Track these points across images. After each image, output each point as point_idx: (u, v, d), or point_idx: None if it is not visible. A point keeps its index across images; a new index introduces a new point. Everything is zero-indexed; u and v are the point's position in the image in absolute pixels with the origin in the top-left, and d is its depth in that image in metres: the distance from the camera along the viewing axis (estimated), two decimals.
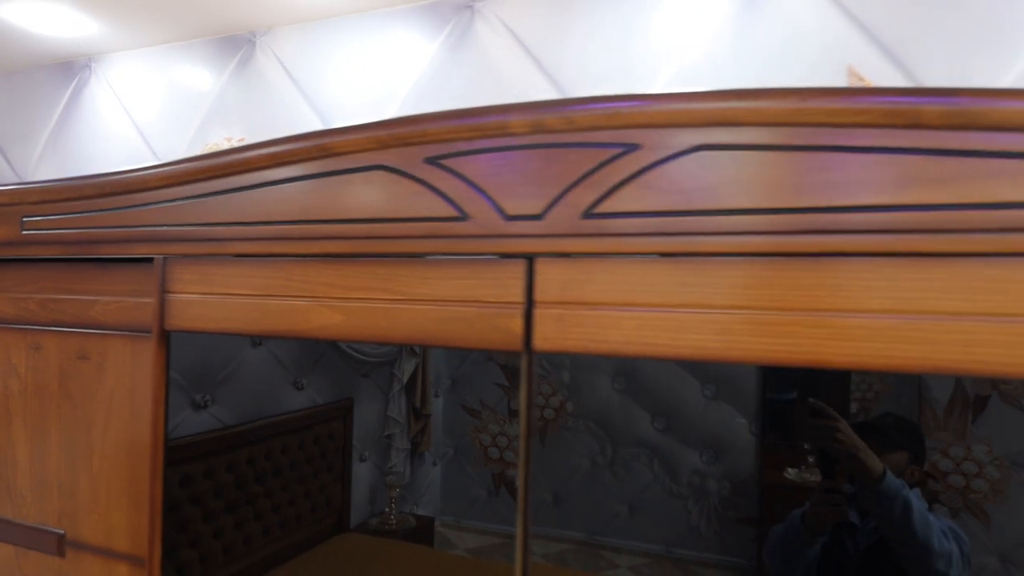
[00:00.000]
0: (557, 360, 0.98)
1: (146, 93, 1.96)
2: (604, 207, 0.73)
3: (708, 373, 0.91)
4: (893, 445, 0.81)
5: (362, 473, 1.16)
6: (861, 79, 1.15)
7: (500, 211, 0.78)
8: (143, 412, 1.05)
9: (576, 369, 0.99)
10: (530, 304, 0.78)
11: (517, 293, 0.78)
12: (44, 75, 2.14)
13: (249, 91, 1.78)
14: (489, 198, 0.78)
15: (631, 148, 0.72)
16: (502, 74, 1.45)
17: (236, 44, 1.79)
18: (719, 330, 0.70)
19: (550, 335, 0.77)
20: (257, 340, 1.17)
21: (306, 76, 1.69)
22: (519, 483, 0.83)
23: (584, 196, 0.74)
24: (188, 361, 1.17)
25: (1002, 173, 0.60)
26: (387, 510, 1.17)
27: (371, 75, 1.61)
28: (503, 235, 0.78)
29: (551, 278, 0.77)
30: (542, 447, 1.00)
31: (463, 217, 0.80)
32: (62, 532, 1.14)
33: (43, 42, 1.97)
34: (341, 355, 1.15)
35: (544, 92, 1.41)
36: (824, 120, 0.65)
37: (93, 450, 1.11)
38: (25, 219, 1.14)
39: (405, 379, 1.11)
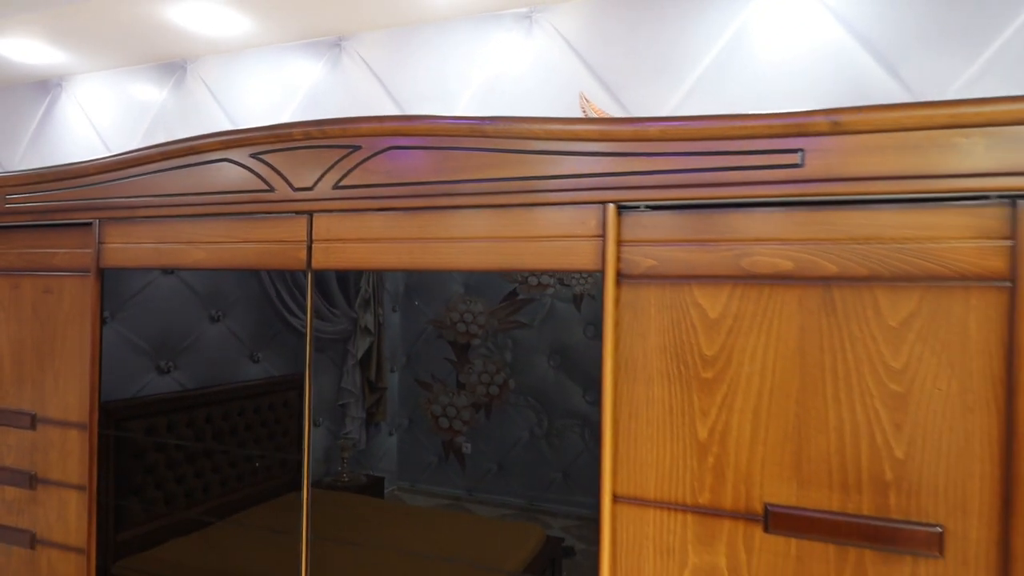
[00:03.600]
0: (501, 341, 1.09)
1: (105, 106, 2.31)
2: (345, 182, 1.22)
3: None
4: None
5: (317, 437, 1.22)
6: (588, 101, 1.66)
7: (291, 185, 1.27)
8: (86, 326, 1.50)
9: (517, 349, 1.08)
10: (311, 242, 1.27)
11: (303, 235, 1.27)
12: (24, 92, 2.48)
13: (183, 104, 2.18)
14: (285, 178, 1.28)
15: (356, 148, 1.21)
16: (359, 91, 1.95)
17: (172, 69, 2.19)
18: (404, 252, 1.18)
19: (321, 260, 1.27)
20: (215, 316, 1.35)
21: (223, 92, 2.10)
22: (305, 401, 1.33)
23: (334, 176, 1.23)
24: (153, 331, 1.37)
25: (534, 161, 1.11)
26: (340, 469, 1.26)
27: (270, 92, 2.03)
28: (294, 200, 1.27)
29: (321, 226, 1.25)
30: (487, 421, 1.10)
31: (271, 190, 1.30)
32: (34, 413, 1.56)
33: (23, 67, 2.27)
34: (295, 333, 1.24)
35: (387, 105, 1.91)
36: (443, 133, 1.16)
37: (55, 354, 1.54)
38: (7, 197, 1.56)
39: (359, 355, 1.19)
